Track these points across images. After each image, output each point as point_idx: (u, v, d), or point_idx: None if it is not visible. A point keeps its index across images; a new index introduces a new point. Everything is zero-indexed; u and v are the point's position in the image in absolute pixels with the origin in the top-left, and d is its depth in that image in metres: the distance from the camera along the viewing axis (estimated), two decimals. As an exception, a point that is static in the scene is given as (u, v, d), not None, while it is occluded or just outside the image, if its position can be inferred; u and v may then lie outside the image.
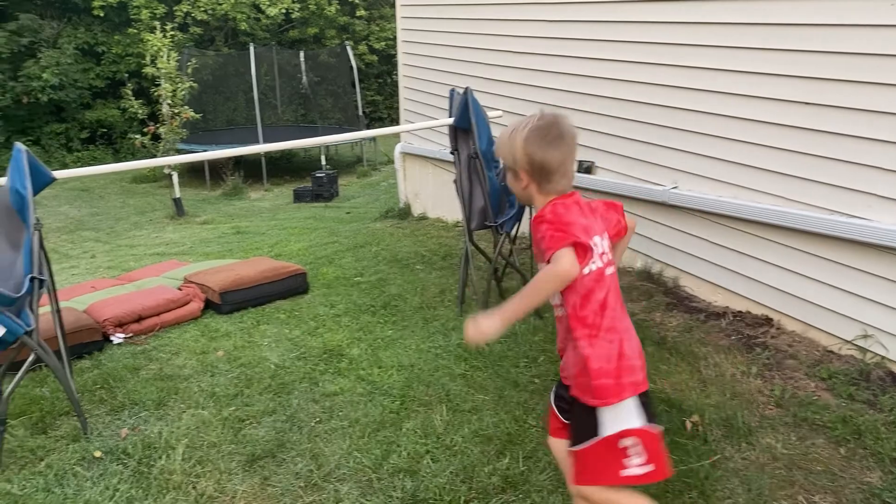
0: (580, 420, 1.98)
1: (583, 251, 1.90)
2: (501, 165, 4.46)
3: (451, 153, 4.42)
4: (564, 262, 1.85)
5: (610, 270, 2.00)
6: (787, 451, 2.90)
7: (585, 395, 1.94)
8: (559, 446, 2.17)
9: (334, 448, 3.00)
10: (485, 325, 1.93)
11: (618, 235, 2.17)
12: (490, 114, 4.37)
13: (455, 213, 7.12)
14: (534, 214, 2.05)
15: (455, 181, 4.41)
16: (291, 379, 3.72)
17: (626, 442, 1.89)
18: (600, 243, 1.99)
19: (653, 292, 4.67)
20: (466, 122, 4.17)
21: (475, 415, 3.20)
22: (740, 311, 4.29)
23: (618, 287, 2.02)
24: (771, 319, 4.14)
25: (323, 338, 4.28)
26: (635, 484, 1.92)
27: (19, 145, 3.24)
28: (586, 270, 1.93)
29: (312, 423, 3.23)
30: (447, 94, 4.82)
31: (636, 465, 1.89)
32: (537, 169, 2.01)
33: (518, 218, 4.36)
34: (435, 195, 7.75)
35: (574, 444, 1.99)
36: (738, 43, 4.08)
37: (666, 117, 4.62)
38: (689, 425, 3.09)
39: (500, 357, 3.80)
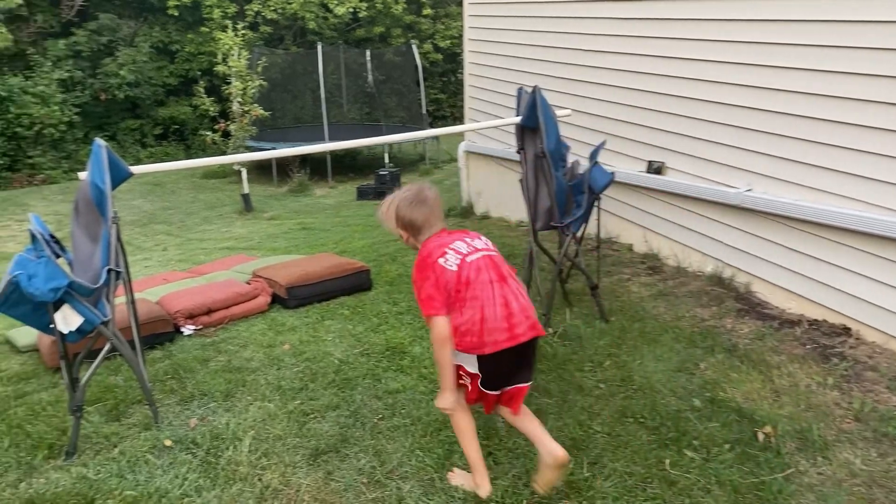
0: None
1: (440, 271, 2.55)
2: (569, 164, 4.40)
3: (518, 152, 4.37)
4: (437, 329, 2.52)
5: (475, 256, 2.62)
6: (867, 468, 2.77)
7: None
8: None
9: (397, 446, 3.00)
10: (442, 401, 2.60)
11: None
12: (558, 112, 4.31)
13: (518, 212, 7.07)
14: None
15: (521, 180, 4.37)
16: (355, 375, 3.74)
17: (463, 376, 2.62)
18: (464, 244, 2.66)
19: (723, 298, 4.53)
20: (534, 120, 4.12)
21: (539, 418, 3.16)
22: (816, 320, 4.13)
23: (490, 265, 2.62)
24: (849, 329, 3.97)
25: (386, 335, 4.30)
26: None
27: (99, 141, 3.35)
28: (451, 267, 2.56)
29: (375, 420, 3.24)
30: (513, 93, 4.78)
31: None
32: (408, 226, 2.72)
33: (585, 219, 4.28)
34: (498, 194, 7.71)
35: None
36: (820, 41, 3.92)
37: (741, 117, 4.49)
38: (760, 436, 2.99)
39: (563, 360, 3.75)
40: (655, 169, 5.27)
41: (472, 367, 2.56)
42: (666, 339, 4.00)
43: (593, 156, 4.27)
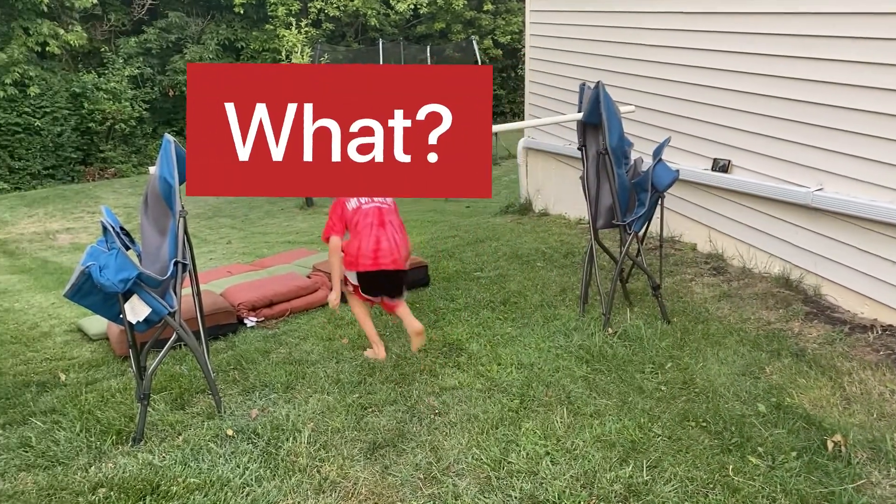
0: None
1: (343, 207, 3.87)
2: (632, 162, 4.32)
3: (579, 149, 4.32)
4: (331, 244, 3.84)
5: (369, 205, 3.85)
6: (945, 482, 2.64)
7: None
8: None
9: (453, 442, 3.00)
10: (330, 297, 3.93)
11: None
12: (622, 109, 4.24)
13: (578, 209, 6.99)
14: None
15: (581, 178, 4.31)
16: (412, 370, 3.76)
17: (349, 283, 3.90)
18: (367, 197, 3.83)
19: (791, 300, 4.39)
20: (597, 117, 4.06)
21: (597, 419, 3.12)
22: (891, 325, 3.96)
23: (376, 213, 3.83)
24: (926, 336, 3.79)
25: (443, 331, 4.30)
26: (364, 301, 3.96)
27: (168, 136, 3.43)
28: (350, 206, 3.85)
29: (432, 416, 3.25)
30: (574, 88, 4.72)
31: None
32: None
33: (648, 217, 4.20)
34: (558, 191, 7.64)
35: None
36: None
37: (812, 114, 4.33)
38: (830, 445, 2.88)
39: (624, 361, 3.68)
40: (721, 167, 5.14)
41: (353, 279, 3.86)
42: (730, 341, 3.89)
43: (657, 153, 4.18)
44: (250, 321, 4.66)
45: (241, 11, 19.65)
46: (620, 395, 3.34)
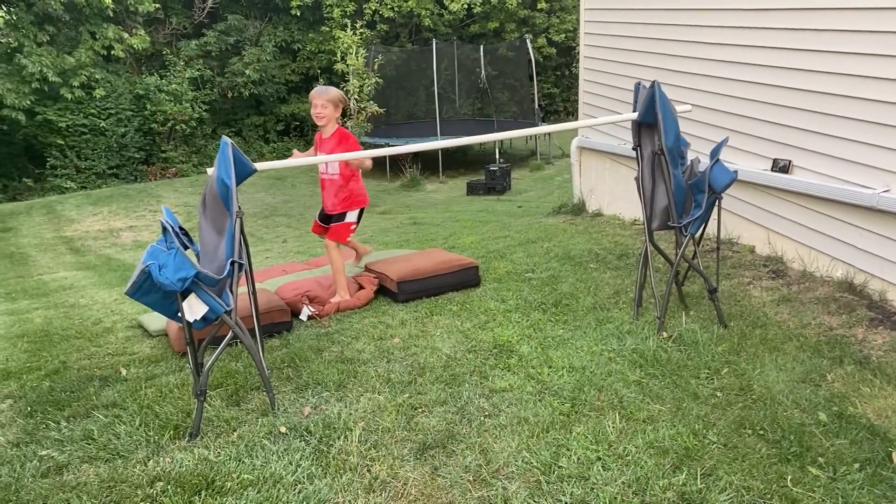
0: (337, 217, 4.99)
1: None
2: (688, 162, 4.23)
3: (633, 149, 4.25)
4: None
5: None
6: None
7: (347, 207, 4.98)
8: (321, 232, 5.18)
9: (503, 445, 2.99)
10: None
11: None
12: (679, 108, 4.16)
13: (632, 210, 6.89)
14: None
15: (636, 178, 4.24)
16: (462, 371, 3.76)
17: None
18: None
19: (854, 305, 4.24)
20: (652, 116, 3.99)
21: (650, 425, 3.07)
22: (962, 333, 3.79)
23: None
24: None
25: (493, 332, 4.29)
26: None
27: (226, 138, 3.51)
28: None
29: (482, 418, 3.24)
30: (629, 87, 4.65)
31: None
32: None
33: (704, 219, 4.11)
34: (612, 191, 7.54)
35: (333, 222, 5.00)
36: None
37: (879, 113, 4.17)
38: (895, 457, 2.77)
39: (678, 366, 3.62)
40: (781, 167, 5.00)
41: (354, 217, 5.03)
42: (789, 347, 3.78)
43: (714, 153, 4.09)
44: (305, 313, 4.73)
45: (298, 13, 19.96)
46: (674, 401, 3.28)
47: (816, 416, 3.08)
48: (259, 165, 3.79)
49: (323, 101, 4.78)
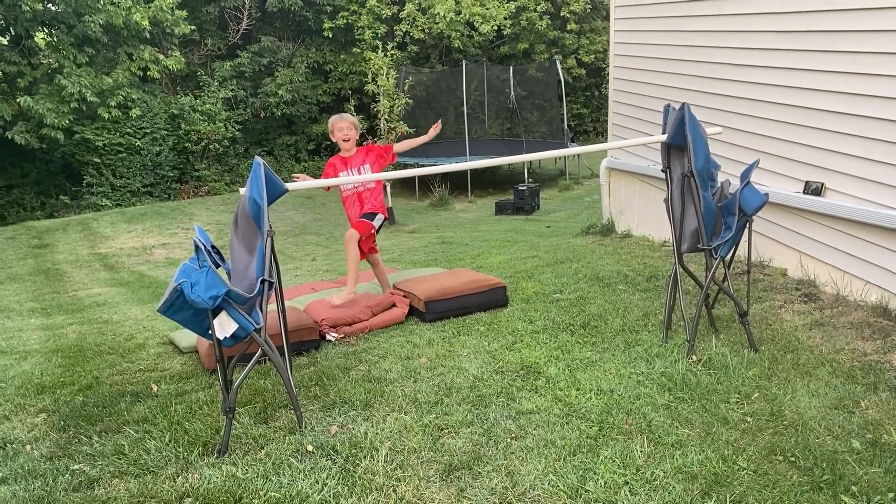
0: (367, 216, 5.21)
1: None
2: (719, 185, 4.20)
3: (663, 171, 4.23)
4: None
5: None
6: None
7: (377, 209, 5.26)
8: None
9: (529, 468, 2.97)
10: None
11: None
12: (709, 130, 4.14)
13: (662, 232, 6.84)
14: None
15: (665, 200, 4.22)
16: (489, 392, 3.75)
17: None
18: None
19: (889, 331, 4.16)
20: (682, 138, 3.97)
21: (678, 450, 3.03)
22: None
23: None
24: None
25: (520, 353, 4.28)
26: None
27: (258, 159, 3.57)
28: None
29: (508, 440, 3.23)
30: (659, 108, 4.64)
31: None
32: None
33: (735, 242, 4.07)
34: (641, 212, 7.51)
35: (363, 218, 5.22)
36: None
37: (914, 135, 4.12)
38: (932, 488, 2.71)
39: (708, 390, 3.57)
40: (814, 190, 4.94)
41: (379, 221, 5.28)
42: (822, 372, 3.72)
43: (745, 175, 4.06)
44: (331, 336, 4.76)
45: (330, 35, 20.26)
46: (704, 426, 3.24)
47: (850, 444, 3.02)
48: (290, 186, 3.85)
49: (347, 125, 5.12)
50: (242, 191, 3.71)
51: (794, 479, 2.79)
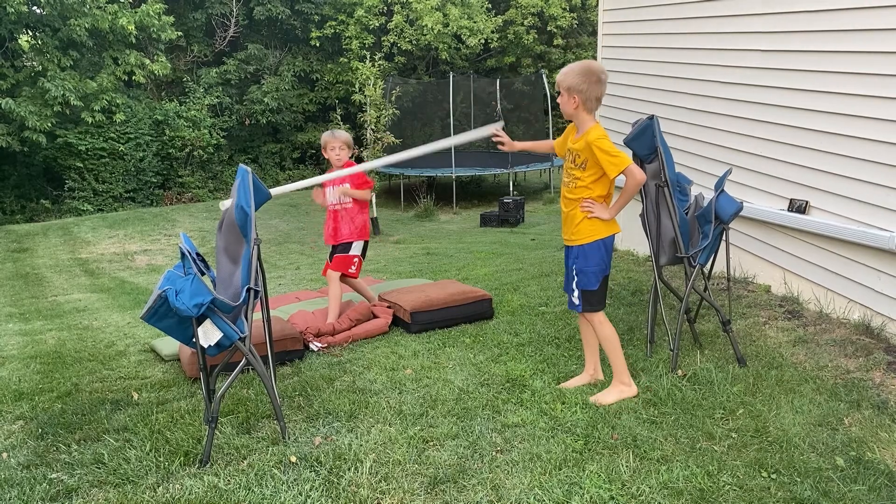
0: (342, 248, 5.18)
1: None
2: (692, 199, 4.26)
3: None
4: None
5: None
6: None
7: (353, 238, 5.16)
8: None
9: (515, 482, 2.96)
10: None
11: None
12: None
13: (646, 246, 6.86)
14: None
15: (641, 215, 4.25)
16: (474, 405, 3.73)
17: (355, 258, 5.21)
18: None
19: (872, 349, 4.20)
20: (652, 150, 4.03)
21: (664, 465, 3.03)
22: (982, 380, 3.74)
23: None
24: None
25: (506, 366, 4.27)
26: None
27: (245, 167, 3.55)
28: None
29: (494, 453, 3.21)
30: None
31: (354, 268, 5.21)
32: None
33: (713, 249, 4.10)
34: (625, 227, 7.52)
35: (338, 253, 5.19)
36: None
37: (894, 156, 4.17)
38: (915, 506, 2.72)
39: (693, 405, 3.58)
40: (798, 207, 4.99)
41: (359, 249, 5.20)
42: (806, 389, 3.74)
43: (719, 184, 4.14)
44: (315, 345, 4.73)
45: (317, 44, 20.27)
46: (689, 441, 3.24)
47: (834, 461, 3.04)
48: (274, 191, 3.83)
49: (340, 144, 5.14)
50: (224, 204, 3.70)
51: (778, 495, 2.79)
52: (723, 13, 5.77)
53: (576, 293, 3.77)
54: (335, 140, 5.15)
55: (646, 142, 4.01)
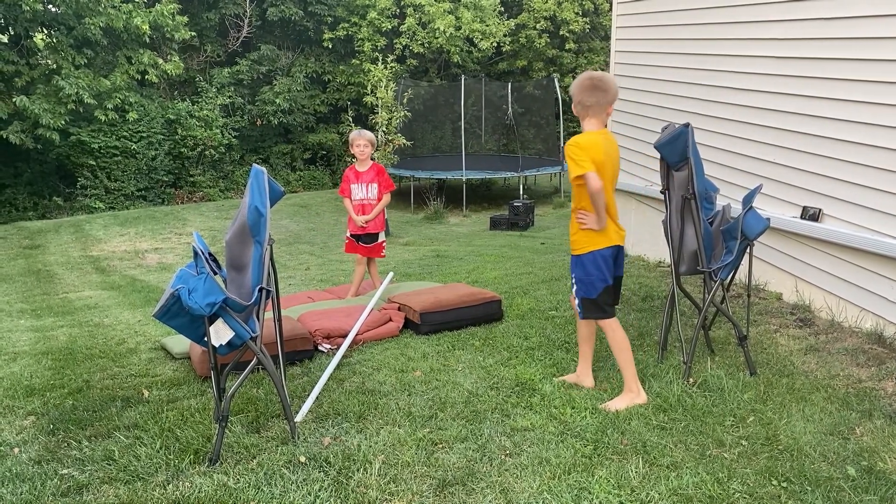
0: (371, 238, 6.21)
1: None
2: (719, 208, 4.22)
3: (662, 192, 4.24)
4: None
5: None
6: None
7: (378, 229, 6.20)
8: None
9: (524, 485, 2.95)
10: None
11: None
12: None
13: (657, 252, 6.86)
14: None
15: (663, 221, 4.23)
16: (483, 408, 3.73)
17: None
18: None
19: (884, 358, 4.17)
20: (683, 158, 3.99)
21: (673, 471, 3.02)
22: None
23: None
24: None
25: (516, 370, 4.27)
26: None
27: (259, 167, 3.56)
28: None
29: (503, 456, 3.21)
30: (656, 129, 4.66)
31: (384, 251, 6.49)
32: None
33: (735, 265, 4.07)
34: (636, 232, 7.52)
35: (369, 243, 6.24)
36: None
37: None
38: (927, 517, 2.70)
39: (703, 412, 3.56)
40: (811, 215, 4.96)
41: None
42: (817, 398, 3.72)
43: (748, 200, 4.07)
44: (324, 347, 4.74)
45: (330, 46, 20.30)
46: (699, 447, 3.23)
47: (845, 470, 3.02)
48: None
49: (365, 141, 6.13)
50: (243, 201, 3.70)
51: (788, 503, 2.78)
52: (737, 19, 5.76)
53: (576, 300, 3.88)
54: (361, 138, 6.15)
55: (677, 149, 3.95)
